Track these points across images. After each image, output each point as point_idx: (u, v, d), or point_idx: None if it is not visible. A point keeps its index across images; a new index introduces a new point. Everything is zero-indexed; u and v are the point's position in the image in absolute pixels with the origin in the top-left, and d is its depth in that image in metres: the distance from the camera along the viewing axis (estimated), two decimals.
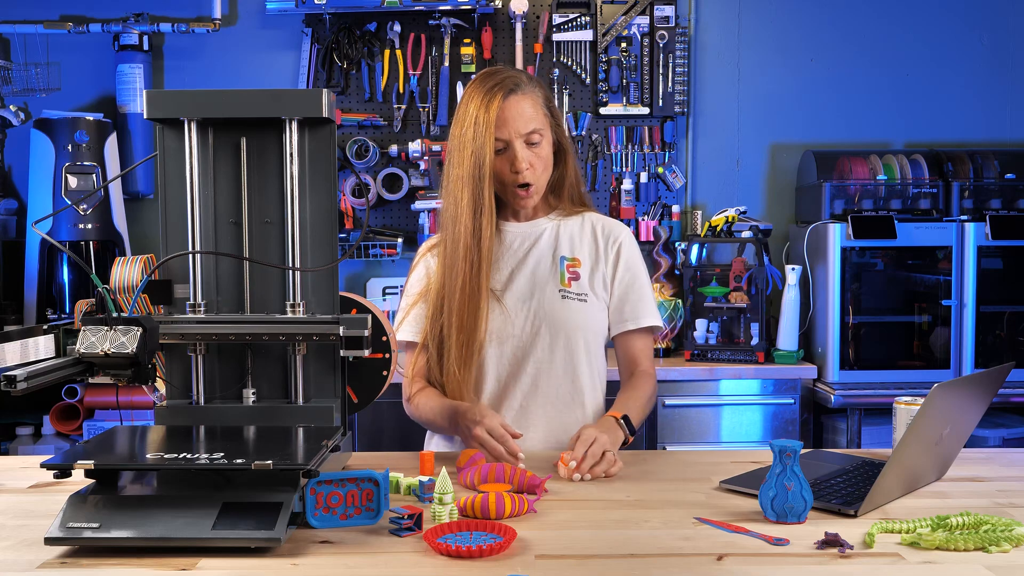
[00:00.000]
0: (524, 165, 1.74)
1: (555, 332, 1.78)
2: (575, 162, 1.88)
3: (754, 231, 3.35)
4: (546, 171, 1.79)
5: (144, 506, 1.20)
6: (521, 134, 1.73)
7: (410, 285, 1.87)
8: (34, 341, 1.33)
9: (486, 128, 1.70)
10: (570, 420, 1.81)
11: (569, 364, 1.80)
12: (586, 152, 3.68)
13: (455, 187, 1.74)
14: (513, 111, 1.72)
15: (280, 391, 1.48)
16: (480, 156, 1.71)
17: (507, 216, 1.86)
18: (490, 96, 1.72)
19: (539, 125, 1.75)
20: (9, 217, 3.58)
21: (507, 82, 1.74)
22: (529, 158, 1.74)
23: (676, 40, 3.62)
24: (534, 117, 1.74)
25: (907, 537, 1.22)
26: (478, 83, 1.75)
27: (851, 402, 3.19)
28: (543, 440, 1.80)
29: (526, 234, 1.85)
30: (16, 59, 3.58)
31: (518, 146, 1.73)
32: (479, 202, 1.72)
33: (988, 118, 3.75)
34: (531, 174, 1.75)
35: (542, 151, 1.76)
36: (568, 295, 1.80)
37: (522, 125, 1.73)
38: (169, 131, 1.45)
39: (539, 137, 1.75)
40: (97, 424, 3.12)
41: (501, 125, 1.72)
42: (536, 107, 1.76)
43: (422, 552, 1.19)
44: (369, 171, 3.63)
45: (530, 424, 1.79)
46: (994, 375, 1.51)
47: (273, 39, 3.71)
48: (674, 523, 1.31)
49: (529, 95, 1.75)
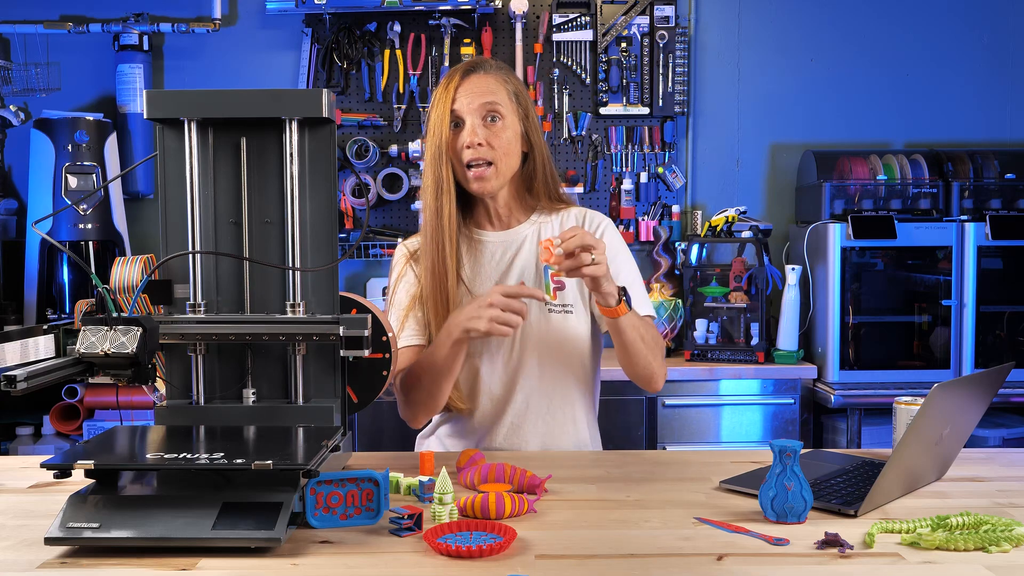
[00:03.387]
0: (476, 139, 1.68)
1: (542, 351, 1.75)
2: (547, 157, 1.80)
3: (754, 231, 3.35)
4: (508, 156, 1.72)
5: (144, 506, 1.20)
6: (476, 106, 1.69)
7: (398, 293, 1.80)
8: (34, 341, 1.33)
9: (444, 105, 1.70)
10: (562, 434, 1.80)
11: (559, 379, 1.78)
12: (586, 152, 3.68)
13: (424, 175, 1.74)
14: (470, 85, 1.71)
15: (280, 391, 1.48)
16: (438, 133, 1.70)
17: (482, 224, 1.81)
18: (451, 76, 1.73)
19: (498, 101, 1.70)
20: (9, 217, 3.58)
21: (471, 62, 1.74)
22: (485, 135, 1.69)
23: (676, 40, 3.62)
24: (492, 92, 1.71)
25: (907, 537, 1.22)
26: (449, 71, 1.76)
27: (851, 402, 3.19)
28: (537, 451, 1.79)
29: (507, 243, 1.80)
30: (16, 59, 3.58)
31: (472, 120, 1.70)
32: (439, 181, 1.70)
33: (988, 118, 3.75)
34: (487, 151, 1.69)
35: (502, 132, 1.71)
36: (554, 309, 1.76)
37: (477, 97, 1.69)
38: (169, 131, 1.45)
39: (498, 115, 1.70)
40: (97, 424, 3.12)
41: (456, 99, 1.70)
42: (498, 87, 1.72)
43: (422, 552, 1.19)
44: (369, 171, 3.63)
45: (523, 440, 1.78)
46: (994, 375, 1.51)
47: (273, 39, 3.71)
48: (674, 523, 1.31)
49: (492, 75, 1.73)
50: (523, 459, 1.64)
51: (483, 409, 1.78)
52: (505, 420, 1.78)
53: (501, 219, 1.81)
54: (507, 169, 1.74)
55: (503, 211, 1.80)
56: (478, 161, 1.70)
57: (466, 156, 1.70)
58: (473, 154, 1.69)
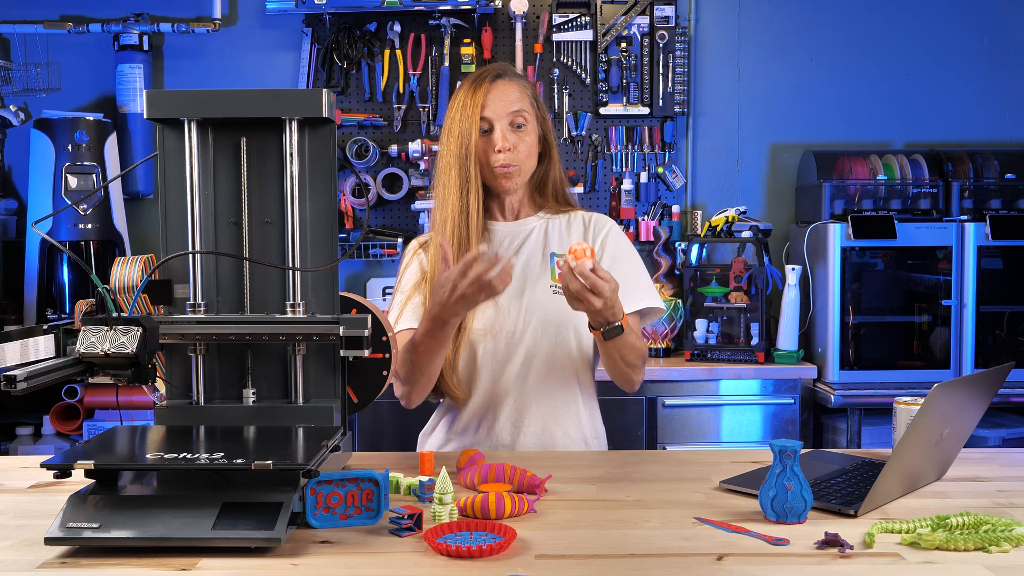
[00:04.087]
0: (507, 144, 1.76)
1: (546, 326, 1.79)
2: (559, 161, 1.90)
3: (754, 231, 3.35)
4: (530, 158, 1.81)
5: (144, 506, 1.20)
6: (506, 114, 1.77)
7: (404, 280, 1.87)
8: (34, 341, 1.33)
9: (473, 110, 1.77)
10: (563, 415, 1.81)
11: (560, 358, 1.80)
12: (586, 152, 3.68)
13: (443, 173, 1.80)
14: (499, 92, 1.78)
15: (280, 391, 1.48)
16: (466, 137, 1.76)
17: (495, 215, 1.87)
18: (479, 81, 1.79)
19: (524, 109, 1.79)
20: (9, 217, 3.58)
21: (495, 69, 1.82)
22: (513, 140, 1.78)
23: (676, 40, 3.62)
24: (519, 100, 1.79)
25: (907, 537, 1.22)
26: (469, 75, 1.84)
27: (851, 402, 3.19)
28: (538, 436, 1.80)
29: (515, 233, 1.86)
30: (16, 59, 3.58)
31: (501, 126, 1.77)
32: (466, 181, 1.77)
33: (988, 118, 3.75)
34: (514, 155, 1.77)
35: (526, 136, 1.79)
36: (559, 291, 1.80)
37: (507, 106, 1.78)
38: (169, 131, 1.45)
39: (524, 121, 1.79)
40: (97, 424, 3.12)
41: (487, 106, 1.77)
42: (523, 94, 1.81)
43: (422, 552, 1.19)
44: (369, 171, 3.63)
45: (525, 418, 1.80)
46: (994, 375, 1.51)
47: (273, 39, 3.71)
48: (674, 523, 1.31)
49: (516, 83, 1.82)
50: (523, 459, 1.64)
51: (483, 387, 1.80)
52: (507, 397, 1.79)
53: (512, 212, 1.88)
54: (528, 169, 1.83)
55: (516, 205, 1.88)
56: (507, 164, 1.78)
57: (498, 160, 1.77)
58: (504, 159, 1.77)
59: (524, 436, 1.79)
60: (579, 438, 1.84)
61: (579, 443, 1.83)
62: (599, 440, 1.89)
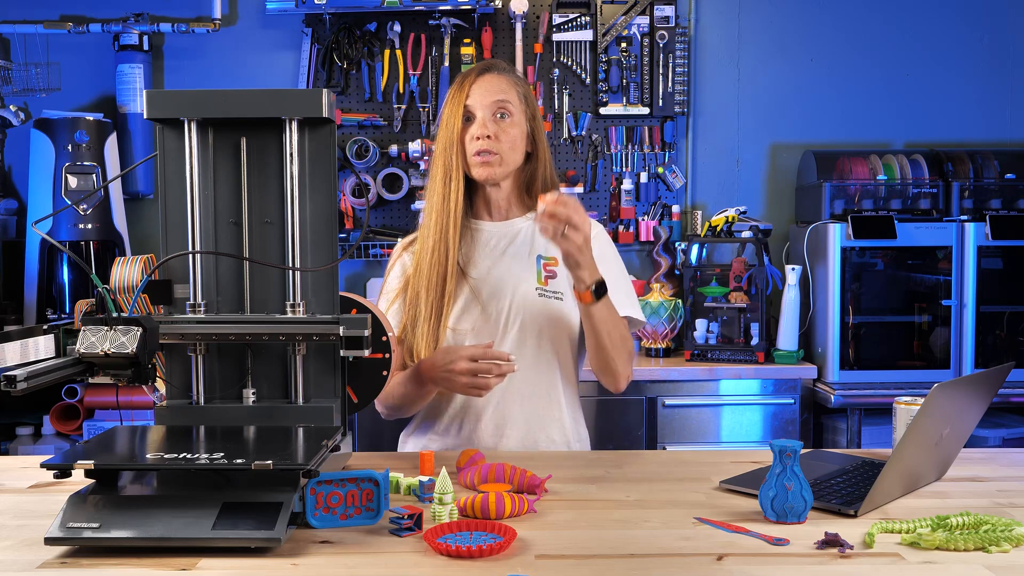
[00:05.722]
0: (486, 131, 1.76)
1: (530, 327, 1.80)
2: (548, 160, 1.88)
3: (754, 231, 3.35)
4: (513, 151, 1.80)
5: (144, 506, 1.20)
6: (488, 103, 1.78)
7: (388, 284, 1.88)
8: (34, 341, 1.33)
9: (457, 101, 1.79)
10: (547, 417, 1.81)
11: (544, 360, 1.80)
12: (586, 152, 3.68)
13: (432, 165, 1.83)
14: (484, 83, 1.80)
15: (280, 391, 1.48)
16: (450, 126, 1.79)
17: (482, 215, 1.87)
18: (468, 75, 1.82)
19: (508, 100, 1.79)
20: (9, 217, 3.58)
21: (486, 63, 1.84)
22: (493, 128, 1.77)
23: (676, 40, 3.62)
24: (505, 92, 1.80)
25: (907, 537, 1.22)
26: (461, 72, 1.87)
27: (851, 402, 3.19)
28: (521, 439, 1.80)
29: (502, 233, 1.86)
30: (16, 59, 3.58)
31: (482, 114, 1.78)
32: (448, 170, 1.79)
33: (988, 118, 3.75)
34: (493, 143, 1.77)
35: (510, 128, 1.79)
36: (545, 293, 1.82)
37: (490, 95, 1.78)
38: (169, 131, 1.45)
39: (508, 112, 1.79)
40: (97, 424, 3.12)
41: (470, 95, 1.79)
42: (509, 87, 1.81)
43: (422, 552, 1.19)
44: (369, 171, 3.63)
45: (507, 422, 1.80)
46: (994, 375, 1.51)
47: (273, 39, 3.71)
48: (674, 523, 1.31)
49: (505, 76, 1.82)
50: (523, 459, 1.64)
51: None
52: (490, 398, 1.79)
53: (500, 211, 1.87)
54: (511, 162, 1.82)
55: (503, 204, 1.87)
56: (484, 152, 1.78)
57: (475, 147, 1.77)
58: (481, 145, 1.77)
59: (507, 439, 1.79)
60: (562, 442, 1.84)
61: (562, 447, 1.83)
62: (582, 443, 1.89)
